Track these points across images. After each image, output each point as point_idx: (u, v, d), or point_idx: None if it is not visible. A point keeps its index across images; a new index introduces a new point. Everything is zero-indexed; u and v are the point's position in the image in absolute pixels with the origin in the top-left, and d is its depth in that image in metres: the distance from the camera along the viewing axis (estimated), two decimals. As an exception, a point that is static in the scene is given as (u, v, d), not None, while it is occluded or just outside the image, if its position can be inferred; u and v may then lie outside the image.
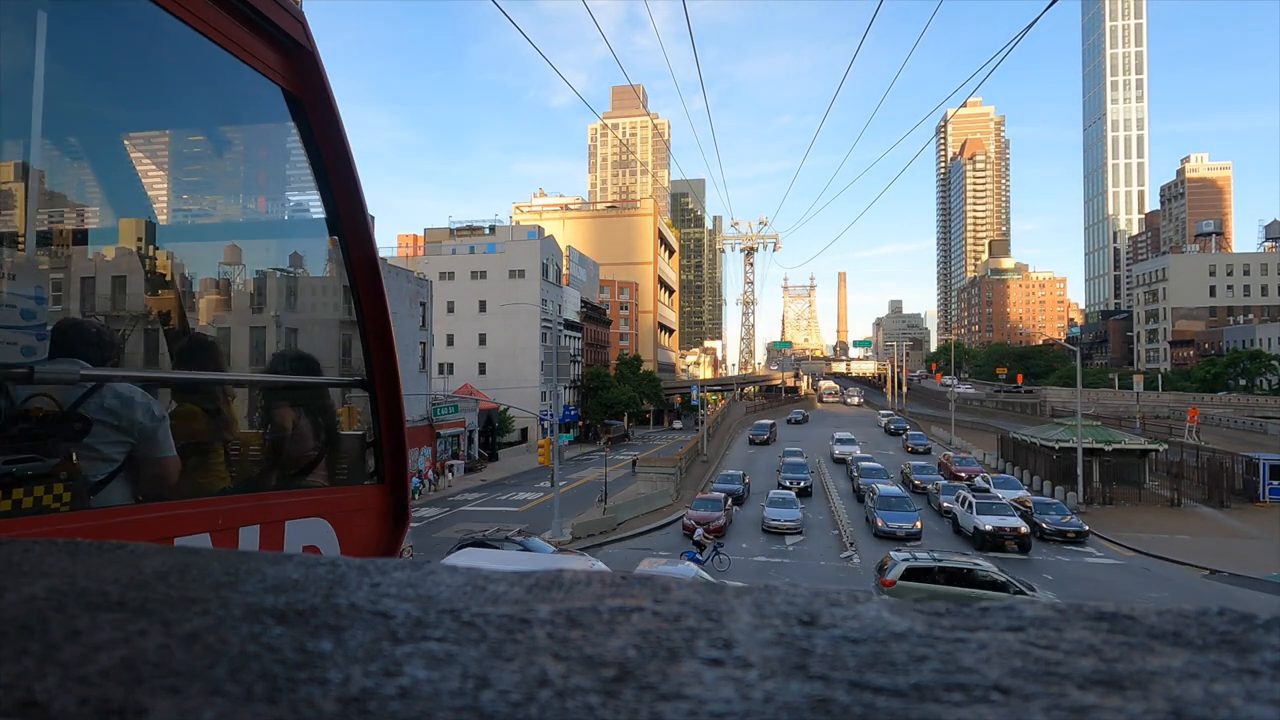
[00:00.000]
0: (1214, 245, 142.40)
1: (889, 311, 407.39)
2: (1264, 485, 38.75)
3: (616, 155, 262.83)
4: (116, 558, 0.92)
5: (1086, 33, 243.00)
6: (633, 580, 0.82)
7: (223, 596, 0.75)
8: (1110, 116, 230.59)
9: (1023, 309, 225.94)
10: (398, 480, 3.07)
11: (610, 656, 0.59)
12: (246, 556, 0.94)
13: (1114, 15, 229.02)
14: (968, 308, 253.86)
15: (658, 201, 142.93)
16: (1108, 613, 0.68)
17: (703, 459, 53.47)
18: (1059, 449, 41.24)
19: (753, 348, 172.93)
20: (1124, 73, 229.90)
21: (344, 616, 0.69)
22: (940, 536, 31.71)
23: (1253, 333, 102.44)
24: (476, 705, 0.51)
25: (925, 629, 0.65)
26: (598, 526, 32.62)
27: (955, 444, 62.22)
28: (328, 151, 2.80)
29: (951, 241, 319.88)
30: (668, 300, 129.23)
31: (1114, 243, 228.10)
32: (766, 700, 0.51)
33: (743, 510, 36.74)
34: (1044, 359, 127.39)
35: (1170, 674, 0.54)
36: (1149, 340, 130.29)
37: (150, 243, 2.69)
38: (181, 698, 0.52)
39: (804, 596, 0.74)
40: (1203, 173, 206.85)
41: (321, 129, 2.77)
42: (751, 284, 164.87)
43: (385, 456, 3.06)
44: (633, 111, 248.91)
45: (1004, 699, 0.51)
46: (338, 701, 0.51)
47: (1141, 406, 72.97)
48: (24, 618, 0.67)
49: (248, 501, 2.62)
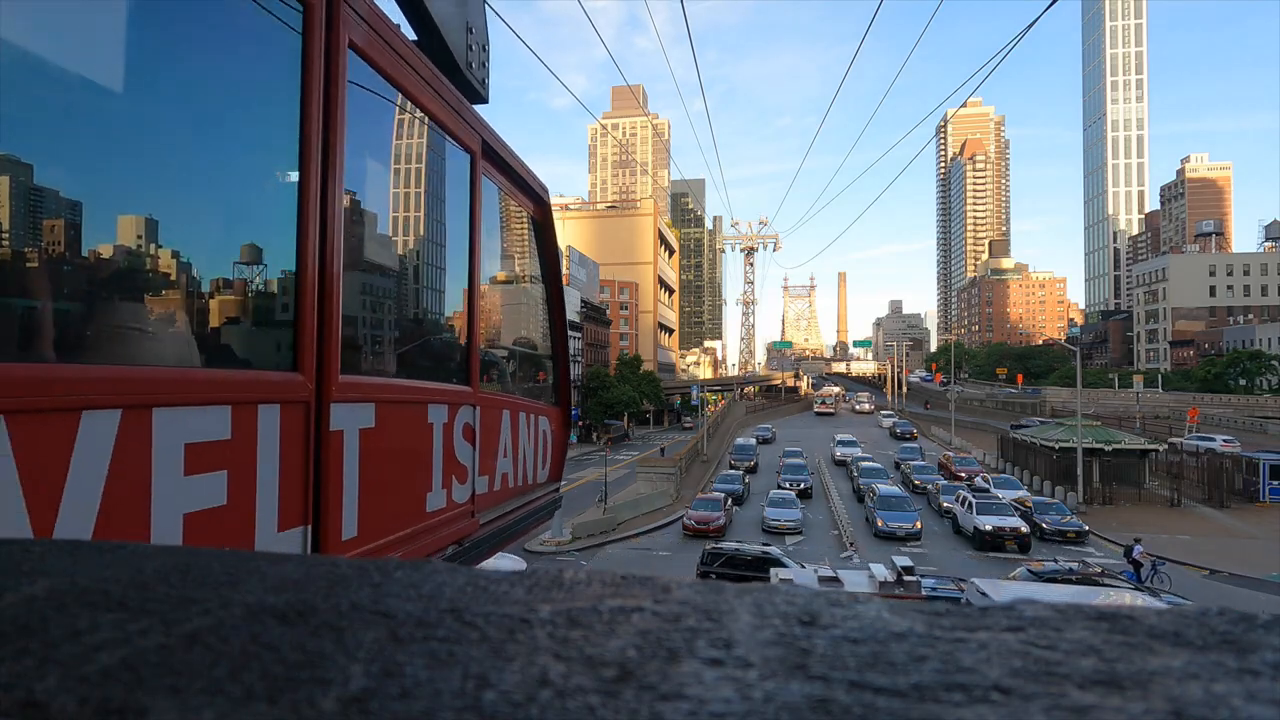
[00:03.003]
0: (1214, 245, 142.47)
1: (889, 312, 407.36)
2: (1264, 485, 38.77)
3: (616, 155, 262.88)
4: (116, 558, 0.92)
5: (1086, 33, 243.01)
6: (633, 580, 0.82)
7: (223, 596, 0.74)
8: (1110, 116, 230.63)
9: (1023, 309, 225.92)
10: (565, 406, 6.21)
11: (611, 656, 0.59)
12: (246, 557, 0.94)
13: (1114, 15, 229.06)
14: (968, 308, 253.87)
15: (657, 202, 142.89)
16: (1108, 613, 0.68)
17: (703, 459, 53.45)
18: (1059, 449, 41.24)
19: (753, 348, 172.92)
20: (1124, 73, 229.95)
21: (344, 616, 0.69)
22: (940, 536, 31.72)
23: (1253, 333, 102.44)
24: (477, 705, 0.51)
25: (925, 629, 0.65)
26: (598, 526, 32.62)
27: (955, 444, 62.19)
28: (548, 246, 5.82)
29: (951, 241, 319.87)
30: (668, 300, 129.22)
31: (1114, 243, 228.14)
32: (766, 700, 0.51)
33: (743, 510, 36.74)
34: (1044, 359, 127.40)
35: (1170, 674, 0.54)
36: (1149, 340, 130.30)
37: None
38: (181, 698, 0.51)
39: (804, 596, 0.74)
40: (1203, 173, 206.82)
41: (546, 234, 5.79)
42: (751, 284, 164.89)
43: (561, 394, 6.22)
44: (633, 112, 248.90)
45: (1004, 699, 0.51)
46: (338, 701, 0.51)
47: (1141, 407, 72.92)
48: (24, 618, 0.67)
49: (531, 404, 5.50)
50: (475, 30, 4.66)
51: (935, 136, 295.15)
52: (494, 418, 4.48)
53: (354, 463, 2.82)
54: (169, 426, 1.96)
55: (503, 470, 4.67)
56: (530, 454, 5.27)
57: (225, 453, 2.17)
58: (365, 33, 2.87)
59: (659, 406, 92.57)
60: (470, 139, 4.11)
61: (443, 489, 3.71)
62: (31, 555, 0.91)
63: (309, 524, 2.59)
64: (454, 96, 3.86)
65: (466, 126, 4.03)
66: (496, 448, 4.56)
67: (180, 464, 2.00)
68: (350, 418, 2.79)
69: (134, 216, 2.03)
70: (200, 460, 2.07)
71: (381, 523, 3.10)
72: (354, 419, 2.82)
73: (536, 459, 5.44)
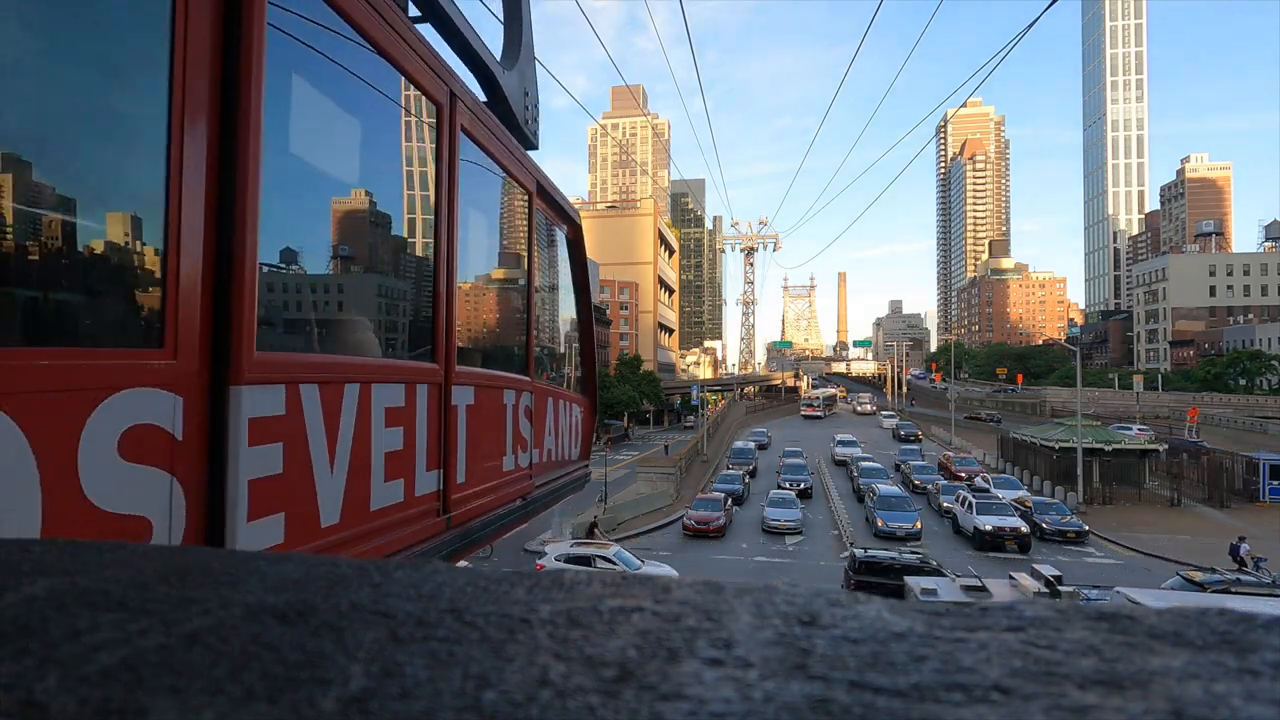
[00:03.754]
0: (1214, 245, 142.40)
1: (889, 311, 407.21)
2: (1264, 485, 38.76)
3: (617, 155, 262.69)
4: (116, 558, 0.92)
5: (1086, 33, 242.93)
6: (633, 580, 0.82)
7: (223, 596, 0.74)
8: (1110, 116, 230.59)
9: (1023, 309, 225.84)
10: (592, 397, 7.32)
11: (611, 656, 0.59)
12: (246, 557, 0.94)
13: (1114, 15, 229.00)
14: (968, 308, 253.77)
15: (657, 202, 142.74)
16: (1108, 613, 0.68)
17: (703, 459, 53.45)
18: (1059, 449, 41.22)
19: (753, 348, 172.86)
20: (1124, 73, 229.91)
21: (344, 616, 0.69)
22: (940, 536, 31.71)
23: (1253, 333, 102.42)
24: (477, 705, 0.51)
25: (925, 629, 0.65)
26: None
27: (955, 444, 62.16)
28: (579, 262, 6.83)
29: (951, 241, 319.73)
30: (668, 300, 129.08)
31: (1114, 243, 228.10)
32: (766, 700, 0.51)
33: (743, 510, 36.73)
34: (1044, 359, 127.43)
35: (1170, 674, 0.54)
36: (1149, 340, 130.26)
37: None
38: (181, 698, 0.51)
39: (804, 596, 0.74)
40: (1203, 173, 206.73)
41: (578, 252, 6.75)
42: (751, 284, 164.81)
43: (589, 387, 7.35)
44: (633, 112, 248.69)
45: (1004, 699, 0.50)
46: (338, 701, 0.51)
47: (1141, 407, 72.88)
48: (24, 618, 0.67)
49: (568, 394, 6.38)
50: (529, 93, 5.67)
51: (935, 136, 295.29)
52: (543, 403, 5.56)
53: (464, 429, 3.85)
54: (379, 395, 2.98)
55: (548, 446, 5.72)
56: (567, 435, 6.34)
57: (401, 415, 3.17)
58: (470, 118, 3.93)
59: (659, 406, 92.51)
60: (529, 181, 5.11)
61: (512, 455, 4.75)
62: (31, 555, 0.91)
63: (441, 469, 3.57)
64: (519, 150, 4.90)
65: (526, 172, 5.05)
66: (545, 427, 5.61)
67: (384, 419, 3.01)
68: (462, 396, 3.85)
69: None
70: (390, 418, 3.08)
71: (480, 475, 4.11)
72: (464, 398, 3.88)
73: (571, 439, 6.52)
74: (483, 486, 4.12)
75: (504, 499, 4.51)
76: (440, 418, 3.52)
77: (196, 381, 2.04)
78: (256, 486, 2.19)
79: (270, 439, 2.26)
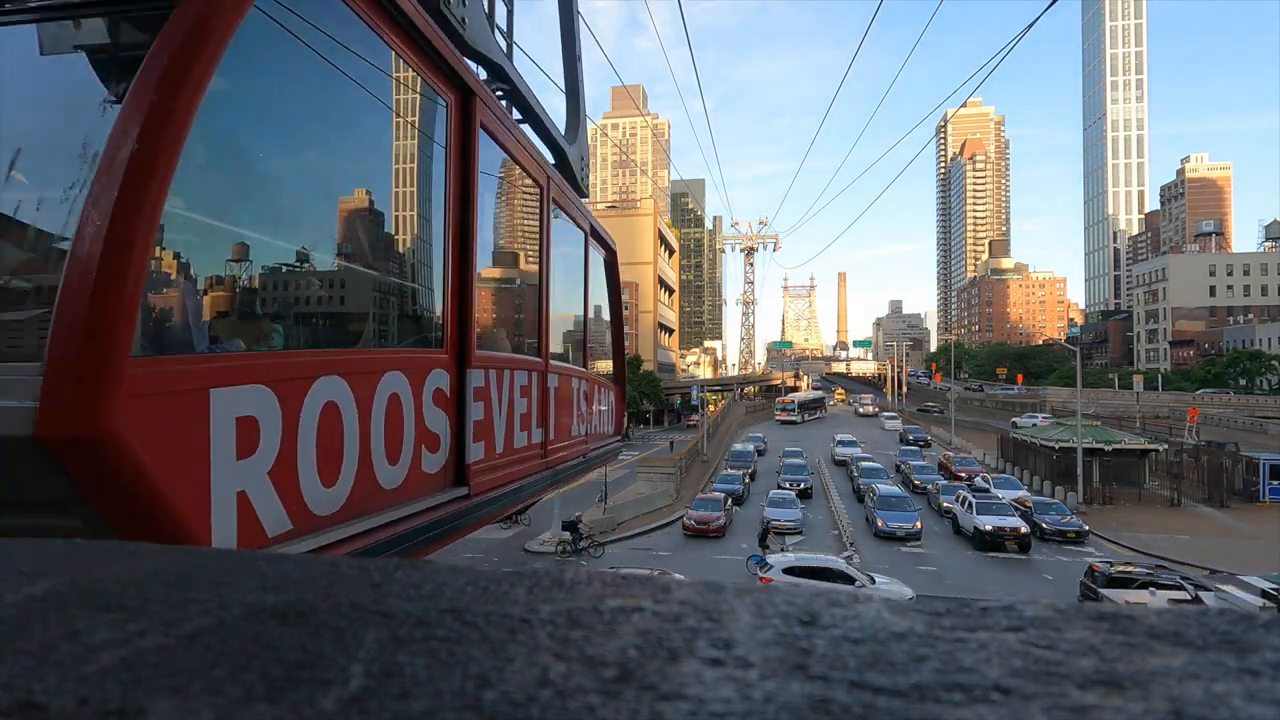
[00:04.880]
0: (1214, 245, 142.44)
1: (889, 311, 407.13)
2: (1264, 485, 38.73)
3: (616, 155, 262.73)
4: (116, 558, 0.92)
5: (1086, 33, 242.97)
6: (633, 580, 0.82)
7: (223, 596, 0.74)
8: (1110, 117, 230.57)
9: (1023, 309, 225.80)
10: (622, 385, 8.80)
11: (611, 656, 0.59)
12: (246, 557, 0.94)
13: (1114, 15, 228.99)
14: (968, 308, 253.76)
15: (657, 202, 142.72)
16: (1108, 613, 0.68)
17: (703, 459, 53.42)
18: (1059, 449, 41.22)
19: (753, 348, 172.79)
20: (1124, 73, 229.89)
21: (344, 616, 0.69)
22: (940, 536, 31.70)
23: (1253, 333, 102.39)
24: (478, 705, 0.51)
25: (925, 629, 0.65)
26: (598, 526, 32.57)
27: (955, 443, 62.15)
28: (613, 282, 8.30)
29: (951, 241, 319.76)
30: (668, 300, 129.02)
31: (1114, 243, 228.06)
32: (767, 700, 0.51)
33: (743, 510, 36.72)
34: (1044, 359, 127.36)
35: (1170, 674, 0.54)
36: (1149, 340, 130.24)
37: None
38: (181, 698, 0.51)
39: (804, 596, 0.74)
40: (1203, 173, 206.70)
41: (613, 274, 8.23)
42: (751, 284, 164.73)
43: (619, 377, 8.77)
44: (632, 112, 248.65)
45: (1004, 699, 0.50)
46: (338, 701, 0.51)
47: (1141, 407, 72.82)
48: (24, 618, 0.67)
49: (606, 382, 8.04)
50: (584, 157, 7.32)
51: (935, 136, 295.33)
52: (591, 388, 7.11)
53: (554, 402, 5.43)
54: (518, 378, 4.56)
55: (595, 420, 7.29)
56: (606, 414, 7.99)
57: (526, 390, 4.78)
58: (557, 191, 5.63)
59: (659, 406, 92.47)
60: (583, 222, 6.75)
61: (578, 425, 6.39)
62: (31, 555, 0.91)
63: (544, 427, 5.18)
64: (579, 202, 6.58)
65: (584, 216, 6.77)
66: (593, 407, 7.18)
67: (520, 392, 4.59)
68: (553, 381, 5.40)
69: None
70: (523, 392, 4.66)
71: (562, 435, 5.71)
72: (554, 382, 5.45)
73: (607, 417, 8.19)
74: (564, 443, 5.81)
75: (574, 455, 6.27)
76: (543, 393, 5.14)
77: (454, 366, 3.73)
78: (475, 425, 3.85)
79: (480, 399, 3.96)
